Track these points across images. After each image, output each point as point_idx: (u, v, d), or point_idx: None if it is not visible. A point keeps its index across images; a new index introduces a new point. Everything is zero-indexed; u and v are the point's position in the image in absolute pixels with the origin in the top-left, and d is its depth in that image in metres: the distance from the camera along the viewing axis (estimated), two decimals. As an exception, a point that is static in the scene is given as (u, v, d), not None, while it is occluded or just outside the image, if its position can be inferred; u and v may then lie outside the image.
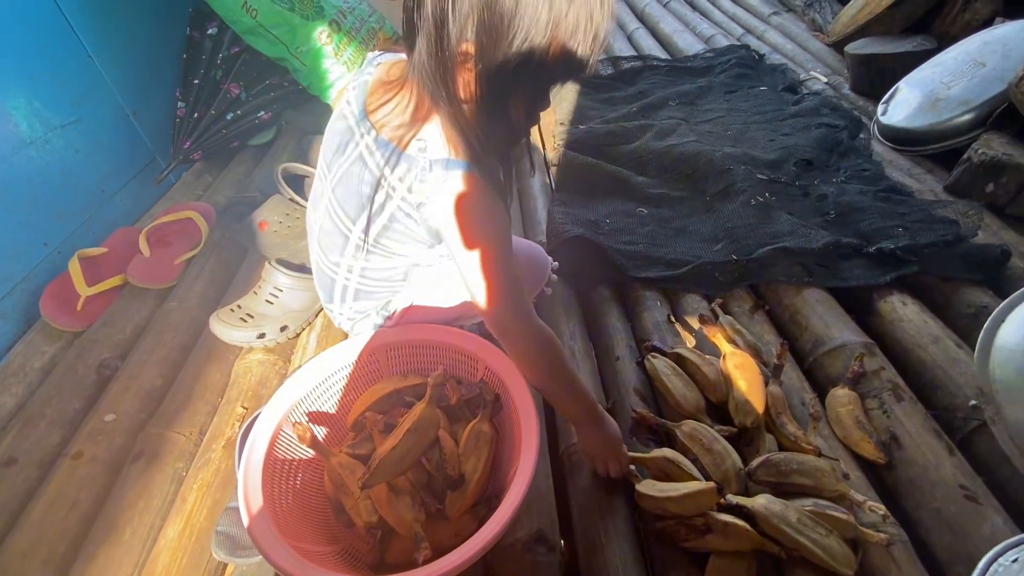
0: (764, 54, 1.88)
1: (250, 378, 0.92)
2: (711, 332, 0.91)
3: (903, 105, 1.40)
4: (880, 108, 1.46)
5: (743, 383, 0.80)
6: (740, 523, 0.64)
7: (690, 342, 0.95)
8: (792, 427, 0.77)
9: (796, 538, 0.62)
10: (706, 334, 0.92)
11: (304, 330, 1.01)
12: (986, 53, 1.30)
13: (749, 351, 0.87)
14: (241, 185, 1.40)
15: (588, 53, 0.53)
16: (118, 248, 1.18)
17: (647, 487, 0.70)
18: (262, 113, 1.56)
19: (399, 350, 0.80)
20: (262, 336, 0.95)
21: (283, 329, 0.97)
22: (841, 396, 0.82)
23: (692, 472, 0.71)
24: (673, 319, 0.99)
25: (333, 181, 0.71)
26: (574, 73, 0.56)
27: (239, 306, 0.97)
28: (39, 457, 0.85)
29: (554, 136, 1.54)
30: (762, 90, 1.68)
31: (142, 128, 1.40)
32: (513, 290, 0.64)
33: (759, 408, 0.78)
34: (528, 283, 0.87)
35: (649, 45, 2.08)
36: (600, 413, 0.72)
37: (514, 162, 0.69)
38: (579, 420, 0.72)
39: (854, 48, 1.62)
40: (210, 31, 1.49)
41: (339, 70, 1.46)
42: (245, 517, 0.58)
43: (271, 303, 0.96)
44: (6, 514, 0.78)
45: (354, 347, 0.78)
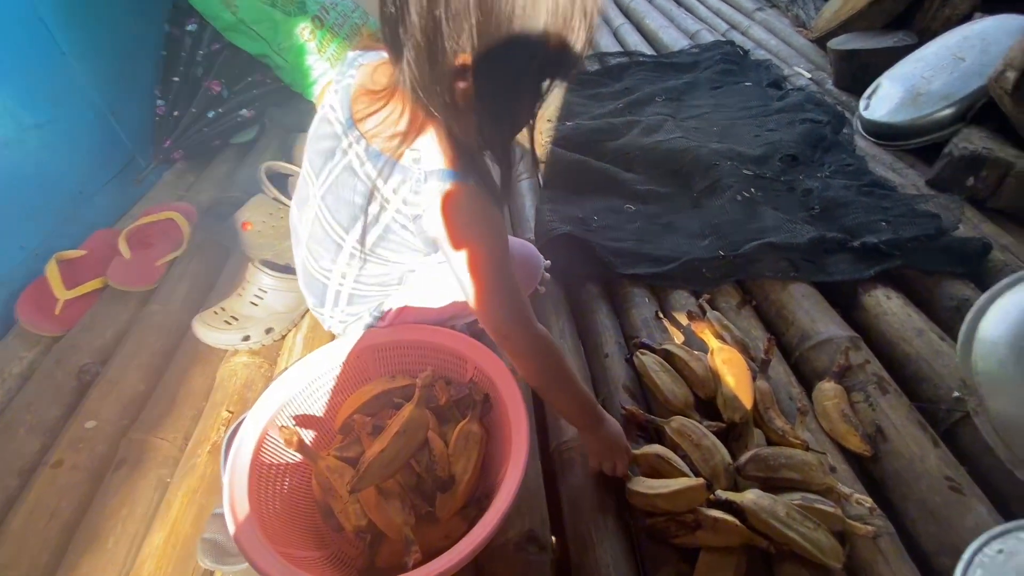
0: (749, 50, 1.89)
1: (235, 382, 0.91)
2: (699, 328, 0.91)
3: (885, 100, 1.41)
4: (862, 103, 1.47)
5: (731, 379, 0.81)
6: (730, 519, 0.64)
7: (678, 338, 0.96)
8: (780, 422, 0.78)
9: (785, 532, 0.62)
10: (694, 330, 0.92)
11: (290, 332, 1.00)
12: (965, 48, 1.32)
13: (737, 346, 0.87)
14: (223, 184, 1.38)
15: (583, 48, 0.53)
16: (97, 250, 1.16)
17: (637, 484, 0.71)
18: (244, 111, 1.54)
19: (387, 351, 0.79)
20: (247, 339, 0.94)
21: (268, 331, 0.95)
22: (827, 390, 0.83)
23: (682, 469, 0.71)
24: (661, 315, 0.99)
25: (322, 188, 0.70)
26: (570, 68, 0.55)
27: (223, 308, 0.96)
28: (18, 466, 0.83)
29: (541, 133, 1.54)
30: (747, 86, 1.69)
31: (120, 127, 1.37)
32: (511, 297, 0.64)
33: (747, 403, 0.78)
34: (522, 283, 0.86)
35: (635, 41, 2.08)
36: (601, 413, 0.72)
37: (515, 162, 0.69)
38: (580, 422, 0.72)
39: (837, 44, 1.63)
40: (189, 27, 1.46)
41: (322, 67, 1.44)
42: (231, 524, 0.57)
43: (256, 305, 0.95)
44: (-15, 525, 0.76)
45: (341, 349, 0.77)
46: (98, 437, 0.85)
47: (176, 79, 1.46)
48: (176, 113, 1.46)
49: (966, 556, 0.58)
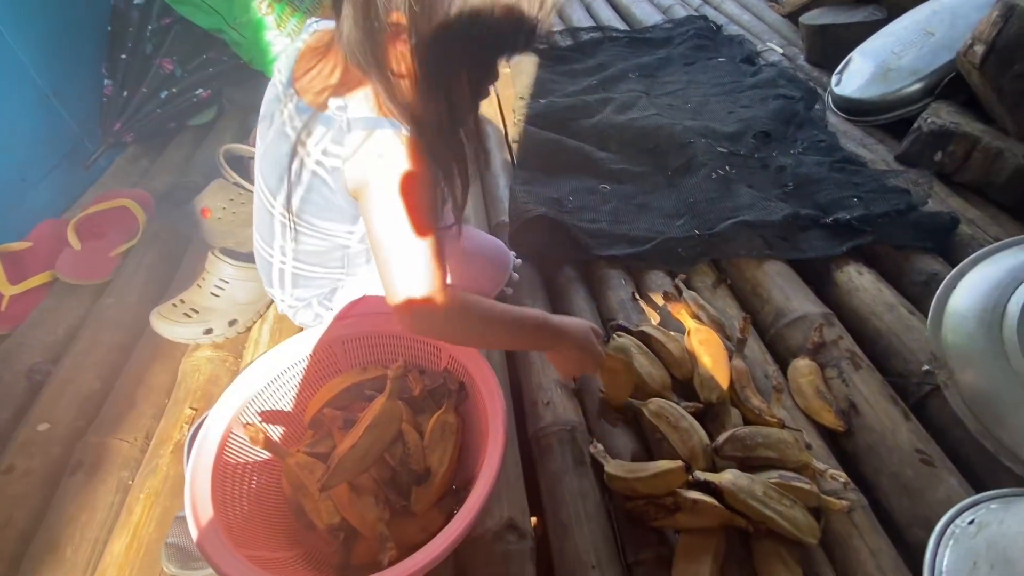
0: (721, 25, 1.87)
1: (198, 377, 0.87)
2: (675, 309, 0.90)
3: (856, 75, 1.42)
4: (834, 79, 1.47)
5: (708, 359, 0.80)
6: (708, 500, 0.64)
7: (655, 319, 0.95)
8: (756, 400, 0.78)
9: (763, 511, 0.62)
10: (670, 311, 0.91)
11: (255, 323, 0.96)
12: (935, 22, 1.32)
13: (713, 326, 0.87)
14: (180, 169, 1.31)
15: (537, 17, 0.49)
16: (44, 242, 1.09)
17: (616, 468, 0.70)
18: (200, 91, 1.46)
19: (357, 342, 0.77)
20: (209, 332, 0.89)
21: (232, 323, 0.91)
22: (802, 367, 0.83)
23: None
24: (638, 296, 0.98)
25: (260, 155, 0.67)
26: (524, 41, 0.52)
27: (182, 300, 0.91)
28: (-35, 474, 0.78)
29: (514, 111, 1.50)
30: (720, 61, 1.68)
31: (65, 109, 1.28)
32: (424, 269, 0.58)
33: (724, 383, 0.78)
34: (487, 282, 0.83)
35: (608, 16, 2.05)
36: (556, 329, 0.68)
37: (472, 147, 0.65)
38: (537, 348, 0.70)
39: (808, 19, 1.63)
40: (136, 0, 1.37)
41: (283, 43, 1.37)
42: (193, 529, 0.54)
43: (217, 296, 0.90)
44: (-69, 538, 0.71)
45: (309, 340, 0.74)
46: (52, 440, 0.80)
47: (124, 56, 1.37)
48: (126, 93, 1.37)
49: (938, 528, 0.59)
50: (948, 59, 1.22)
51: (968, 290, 0.79)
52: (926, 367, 0.80)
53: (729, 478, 0.65)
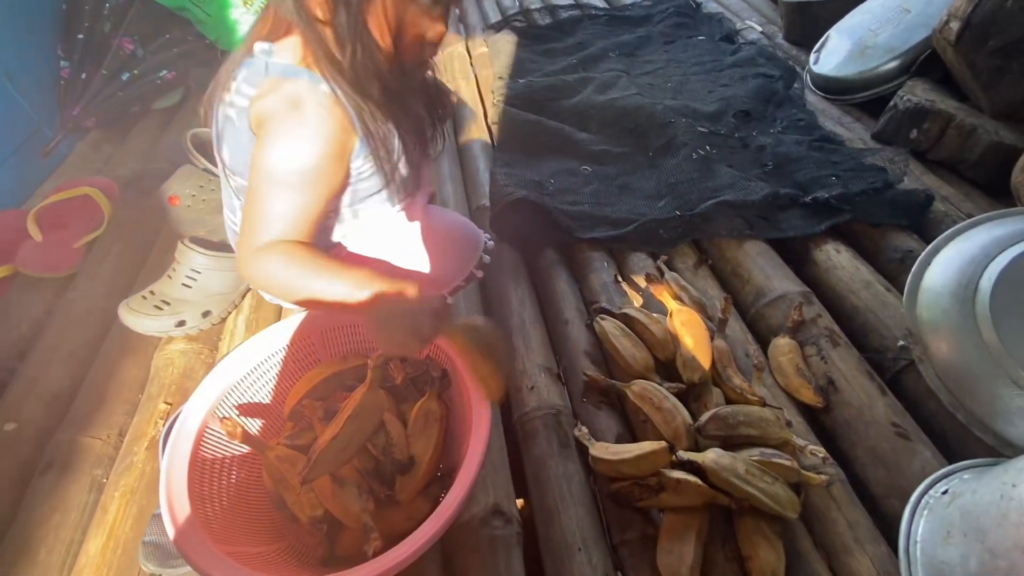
0: (701, 2, 1.86)
1: (172, 371, 0.84)
2: (657, 290, 0.90)
3: (834, 54, 1.42)
4: (812, 57, 1.47)
5: (690, 340, 0.81)
6: (692, 479, 0.65)
7: (637, 301, 0.95)
8: (738, 379, 0.78)
9: (745, 489, 0.63)
10: (653, 292, 0.91)
11: (230, 314, 0.93)
12: (911, -1, 1.33)
13: (695, 307, 0.87)
14: (146, 155, 1.26)
15: None
16: (3, 234, 1.04)
17: (601, 451, 0.70)
18: (165, 72, 1.40)
19: (337, 331, 0.75)
20: (182, 324, 0.87)
21: (205, 315, 0.89)
22: (782, 345, 0.84)
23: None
24: (620, 279, 0.98)
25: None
26: None
27: (152, 292, 0.88)
28: (-72, 477, 0.75)
29: (492, 91, 1.47)
30: (700, 40, 1.67)
31: (19, 93, 1.22)
32: (279, 221, 0.56)
33: (706, 364, 0.79)
34: (455, 263, 0.80)
35: (586, -7, 2.01)
36: (384, 288, 0.56)
37: (414, 114, 0.63)
38: (360, 308, 0.56)
39: (787, -5, 1.62)
40: (90, -24, 1.30)
41: (251, 20, 1.32)
42: (170, 527, 0.52)
43: (188, 287, 0.87)
44: None
45: (287, 330, 0.72)
46: (20, 440, 0.78)
47: (80, 36, 1.30)
48: (84, 75, 1.31)
49: (913, 499, 0.60)
50: (924, 36, 1.23)
51: (942, 266, 0.81)
52: (901, 343, 0.81)
53: (712, 457, 0.66)
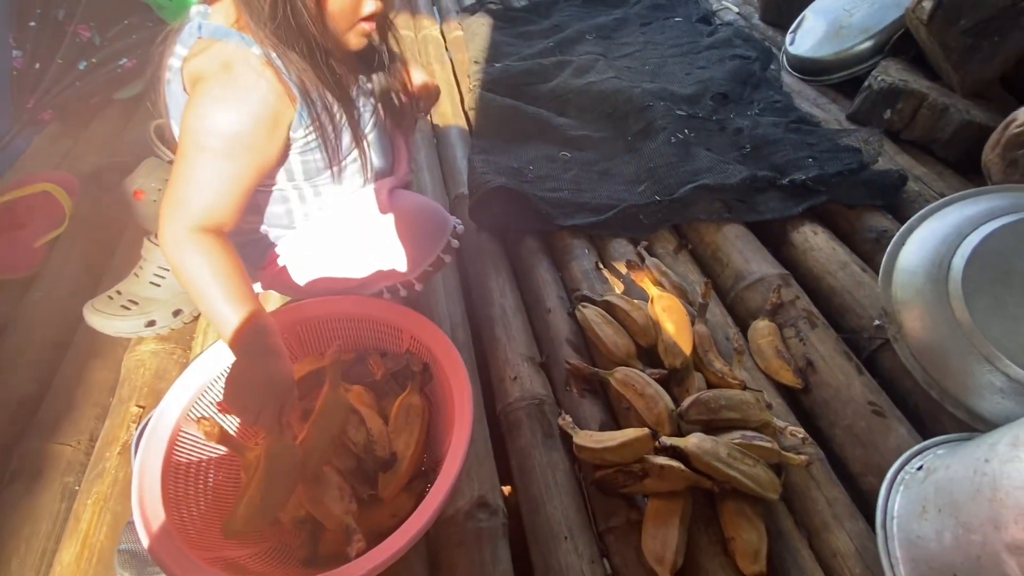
0: (677, -17, 1.84)
1: (143, 372, 0.82)
2: (638, 277, 0.90)
3: (809, 34, 1.42)
4: (788, 38, 1.47)
5: (671, 325, 0.81)
6: (675, 464, 0.65)
7: (619, 288, 0.95)
8: (719, 363, 0.79)
9: (727, 472, 0.64)
10: (634, 279, 0.91)
11: (203, 312, 0.90)
12: (885, -22, 1.33)
13: (675, 292, 0.87)
14: (109, 148, 1.21)
15: None
16: (-43, 234, 0.99)
17: (584, 439, 0.70)
18: (125, 60, 1.34)
19: (314, 326, 0.73)
20: (152, 324, 0.84)
21: (176, 313, 0.86)
22: (762, 328, 0.85)
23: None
24: (601, 266, 0.97)
25: None
26: None
27: (119, 292, 0.85)
28: None
29: (468, 76, 1.44)
30: (677, 21, 1.65)
31: (-33, 85, 1.16)
32: (199, 193, 0.55)
33: (687, 349, 0.79)
34: (419, 246, 0.75)
35: (562, -26, 1.97)
36: (260, 347, 0.56)
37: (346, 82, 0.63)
38: (232, 344, 0.57)
39: (763, -25, 1.61)
40: (39, -41, 1.23)
41: (212, 6, 1.26)
42: (144, 535, 0.51)
43: (157, 285, 0.85)
44: None
45: (260, 328, 0.70)
46: (-15, 449, 0.75)
47: (33, 24, 1.24)
48: (38, 65, 1.25)
49: (889, 476, 0.61)
50: (898, 15, 1.23)
51: (916, 246, 0.82)
52: (877, 322, 0.83)
53: (694, 442, 0.66)
